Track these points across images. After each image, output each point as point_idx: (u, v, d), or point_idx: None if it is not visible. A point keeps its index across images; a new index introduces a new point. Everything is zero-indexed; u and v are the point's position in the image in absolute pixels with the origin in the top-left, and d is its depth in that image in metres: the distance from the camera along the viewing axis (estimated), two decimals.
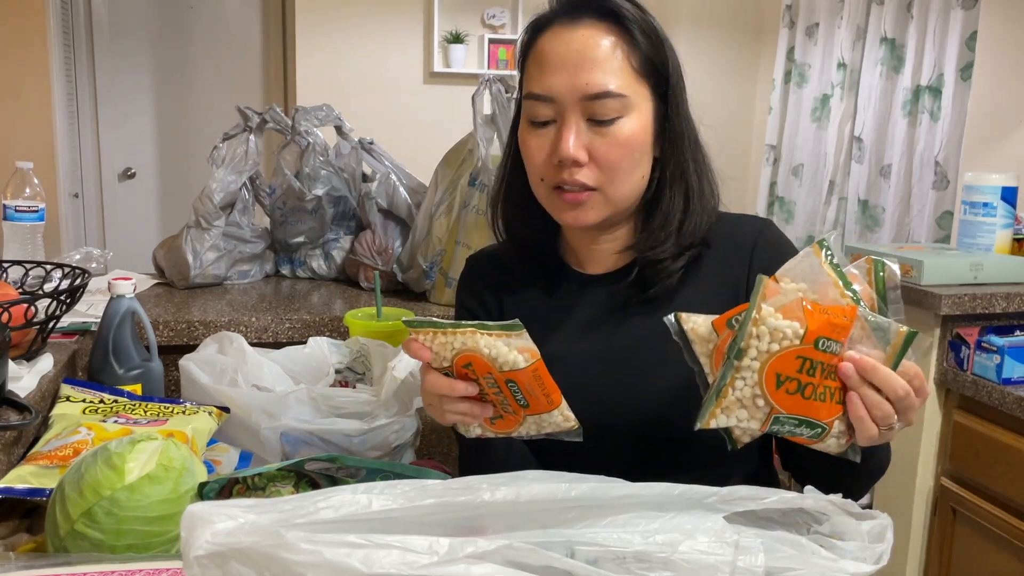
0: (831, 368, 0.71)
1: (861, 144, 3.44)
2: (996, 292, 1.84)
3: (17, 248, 1.75)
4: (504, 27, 4.44)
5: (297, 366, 1.30)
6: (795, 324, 0.70)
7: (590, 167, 0.94)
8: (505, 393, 0.81)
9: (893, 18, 3.31)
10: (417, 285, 1.82)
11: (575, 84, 0.92)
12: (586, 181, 0.94)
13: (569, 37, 0.93)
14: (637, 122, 0.94)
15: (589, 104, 0.92)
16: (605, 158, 0.93)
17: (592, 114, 0.93)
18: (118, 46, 4.30)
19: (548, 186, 0.97)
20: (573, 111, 0.93)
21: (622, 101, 0.92)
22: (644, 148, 0.96)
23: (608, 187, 0.95)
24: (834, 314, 0.71)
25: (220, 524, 0.51)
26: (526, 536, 0.56)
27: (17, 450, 1.04)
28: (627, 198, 0.98)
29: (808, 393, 0.71)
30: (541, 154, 0.96)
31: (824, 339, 0.70)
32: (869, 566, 0.60)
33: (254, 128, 1.92)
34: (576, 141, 0.93)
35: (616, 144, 0.93)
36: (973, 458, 1.82)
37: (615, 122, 0.93)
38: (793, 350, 0.70)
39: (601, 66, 0.92)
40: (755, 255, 1.00)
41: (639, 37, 0.94)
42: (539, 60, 0.95)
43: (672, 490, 0.64)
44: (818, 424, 0.73)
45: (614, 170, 0.94)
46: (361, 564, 0.50)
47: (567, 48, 0.93)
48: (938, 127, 3.09)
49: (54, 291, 1.20)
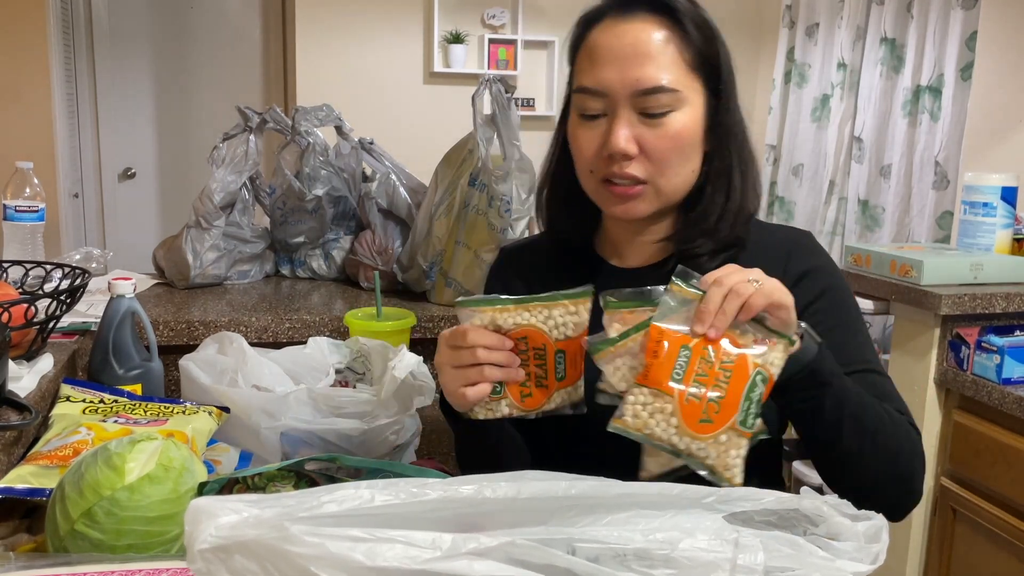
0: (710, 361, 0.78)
1: (861, 144, 3.44)
2: (996, 292, 1.84)
3: (17, 248, 1.75)
4: (504, 27, 4.44)
5: (297, 366, 1.30)
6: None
7: (640, 160, 0.94)
8: (549, 365, 0.84)
9: (893, 18, 3.31)
10: (417, 285, 1.82)
11: (627, 79, 0.92)
12: (637, 174, 0.94)
13: (621, 31, 0.93)
14: (688, 116, 0.94)
15: (641, 99, 0.92)
16: (656, 151, 0.94)
17: (644, 108, 0.93)
18: (118, 46, 4.30)
19: (597, 178, 0.97)
20: (624, 105, 0.93)
21: (674, 96, 0.92)
22: (694, 142, 0.96)
23: (659, 180, 0.95)
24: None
25: (224, 518, 0.52)
26: (527, 533, 0.56)
27: (17, 450, 1.04)
28: (677, 191, 0.98)
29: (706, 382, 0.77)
30: (591, 147, 0.96)
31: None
32: (866, 566, 0.60)
33: (254, 128, 1.92)
34: (627, 134, 0.93)
35: (666, 137, 0.93)
36: (973, 458, 1.82)
37: (666, 116, 0.93)
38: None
39: (654, 60, 0.92)
40: (790, 263, 1.00)
41: (692, 31, 0.94)
42: (591, 53, 0.95)
43: (671, 489, 0.64)
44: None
45: (664, 163, 0.94)
46: (364, 557, 0.51)
47: (619, 42, 0.93)
48: (938, 127, 3.09)
49: (54, 291, 1.20)
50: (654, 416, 0.76)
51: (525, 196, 1.67)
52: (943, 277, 1.87)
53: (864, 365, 0.97)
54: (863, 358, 0.98)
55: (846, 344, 0.97)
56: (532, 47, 4.49)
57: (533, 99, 4.51)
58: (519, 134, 1.68)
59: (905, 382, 1.94)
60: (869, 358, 0.98)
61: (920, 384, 1.92)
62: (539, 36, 4.45)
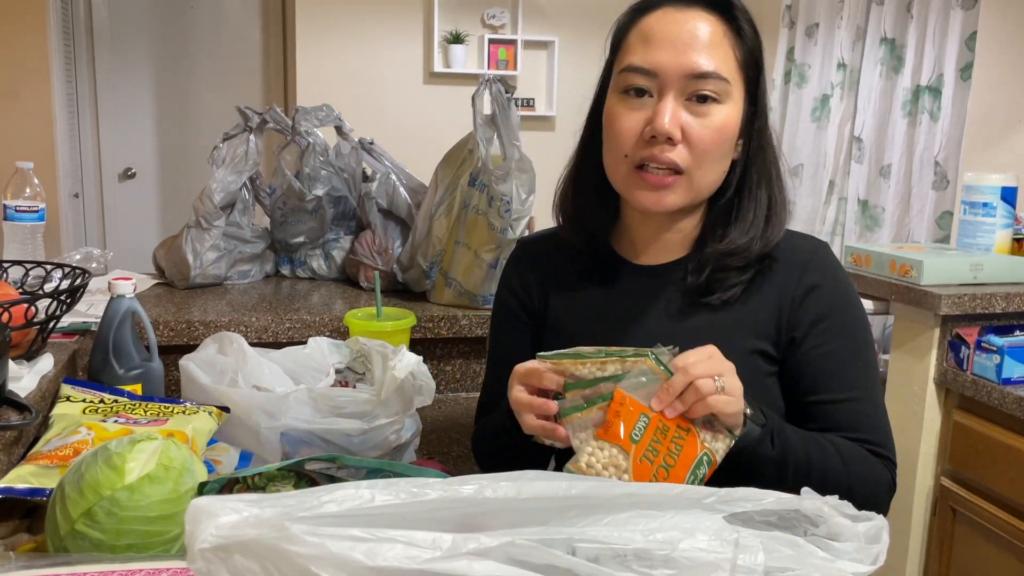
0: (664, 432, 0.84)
1: (861, 144, 3.44)
2: (996, 292, 1.84)
3: (17, 248, 1.75)
4: (504, 27, 4.44)
5: (297, 366, 1.30)
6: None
7: (682, 147, 0.94)
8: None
9: (893, 18, 3.31)
10: (417, 285, 1.82)
11: (682, 61, 0.93)
12: (677, 160, 0.94)
13: (682, 18, 0.95)
14: (731, 111, 0.95)
15: (692, 82, 0.93)
16: (699, 140, 0.94)
17: (694, 91, 0.93)
18: (118, 46, 4.30)
19: (631, 163, 0.97)
20: (673, 88, 0.93)
21: (724, 85, 0.94)
22: (732, 140, 0.97)
23: (695, 171, 0.95)
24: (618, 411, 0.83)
25: (224, 517, 0.52)
26: (528, 533, 0.56)
27: (17, 450, 1.04)
28: (709, 187, 0.98)
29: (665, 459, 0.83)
30: (632, 128, 0.95)
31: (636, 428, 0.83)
32: (866, 567, 0.60)
33: (254, 128, 1.92)
34: (672, 118, 0.93)
35: (711, 127, 0.94)
36: (973, 458, 1.82)
37: (713, 105, 0.94)
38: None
39: (710, 50, 0.93)
40: (806, 274, 1.00)
41: (746, 29, 0.96)
42: (645, 36, 0.96)
43: (671, 490, 0.64)
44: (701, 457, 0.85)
45: (704, 154, 0.95)
46: (365, 557, 0.51)
47: (679, 28, 0.94)
48: (938, 127, 3.09)
49: (54, 291, 1.20)
50: (607, 468, 0.81)
51: (525, 196, 1.67)
52: (943, 277, 1.87)
53: (853, 394, 0.98)
54: (856, 385, 0.98)
55: (843, 370, 0.98)
56: (532, 47, 4.49)
57: (533, 99, 4.51)
58: (519, 134, 1.68)
59: (905, 382, 1.94)
60: (864, 385, 0.99)
61: (920, 384, 1.92)
62: (539, 36, 4.45)
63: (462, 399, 1.62)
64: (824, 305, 0.99)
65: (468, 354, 1.73)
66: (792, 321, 0.99)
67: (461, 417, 1.51)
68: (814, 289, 0.99)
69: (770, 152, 1.00)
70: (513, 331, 1.15)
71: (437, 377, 1.68)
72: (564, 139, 4.01)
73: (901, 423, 1.94)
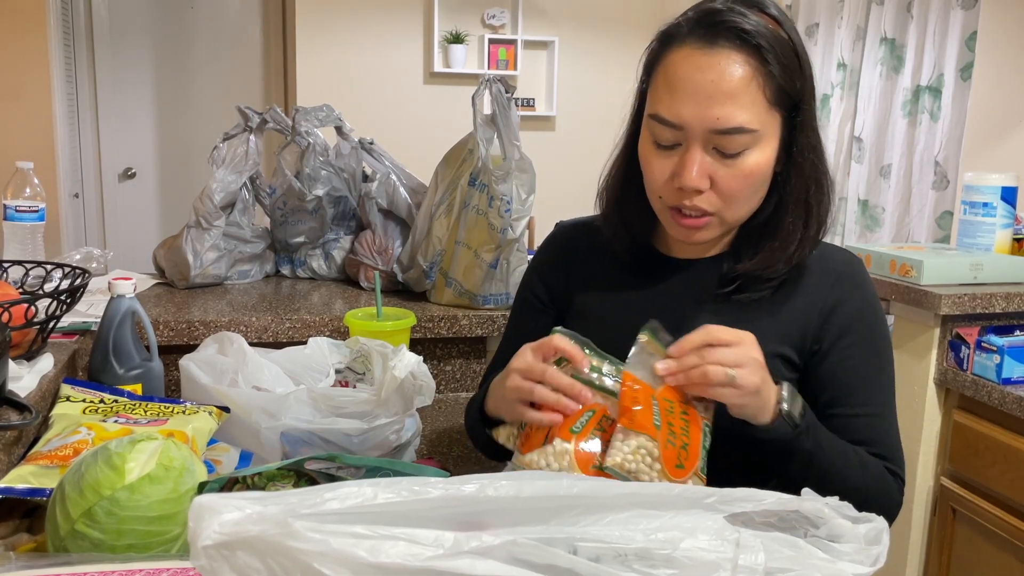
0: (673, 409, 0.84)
1: (861, 144, 3.44)
2: (996, 292, 1.84)
3: (17, 248, 1.75)
4: (504, 27, 4.44)
5: (297, 366, 1.30)
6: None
7: (710, 194, 0.94)
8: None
9: (893, 18, 3.31)
10: (417, 285, 1.82)
11: (706, 117, 0.90)
12: (705, 207, 0.94)
13: (705, 63, 0.90)
14: (764, 154, 0.93)
15: (717, 137, 0.91)
16: (728, 188, 0.93)
17: (719, 146, 0.91)
18: (118, 46, 4.30)
19: (665, 204, 0.97)
20: (699, 140, 0.91)
21: (752, 136, 0.91)
22: (766, 175, 0.95)
23: (726, 212, 0.96)
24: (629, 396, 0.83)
25: (228, 514, 0.52)
26: (529, 532, 0.56)
27: (17, 450, 1.04)
28: (742, 219, 0.99)
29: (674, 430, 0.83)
30: (663, 176, 0.95)
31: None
32: (866, 568, 0.60)
33: (254, 128, 1.92)
34: (699, 171, 0.92)
35: (740, 176, 0.93)
36: (973, 458, 1.82)
37: (742, 155, 0.92)
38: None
39: (735, 100, 0.89)
40: (837, 287, 1.01)
41: (775, 65, 0.90)
42: (670, 82, 0.92)
43: (671, 490, 0.64)
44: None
45: (734, 199, 0.94)
46: (367, 554, 0.51)
47: (702, 76, 0.89)
48: (938, 127, 3.10)
49: (54, 291, 1.20)
50: (644, 459, 0.80)
51: (525, 196, 1.67)
52: (943, 277, 1.87)
53: (872, 409, 1.00)
54: (876, 401, 1.01)
55: (865, 385, 1.00)
56: (532, 47, 4.49)
57: (533, 99, 4.51)
58: (519, 134, 1.68)
59: (905, 382, 1.94)
60: (883, 401, 1.02)
61: (920, 384, 1.92)
62: (539, 36, 4.45)
63: (462, 399, 1.62)
64: (851, 319, 1.00)
65: (468, 354, 1.73)
66: (819, 332, 1.00)
67: (461, 417, 1.51)
68: (843, 303, 1.00)
69: (809, 168, 0.97)
70: (535, 314, 1.16)
71: (437, 377, 1.68)
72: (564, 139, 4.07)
73: (901, 423, 1.93)
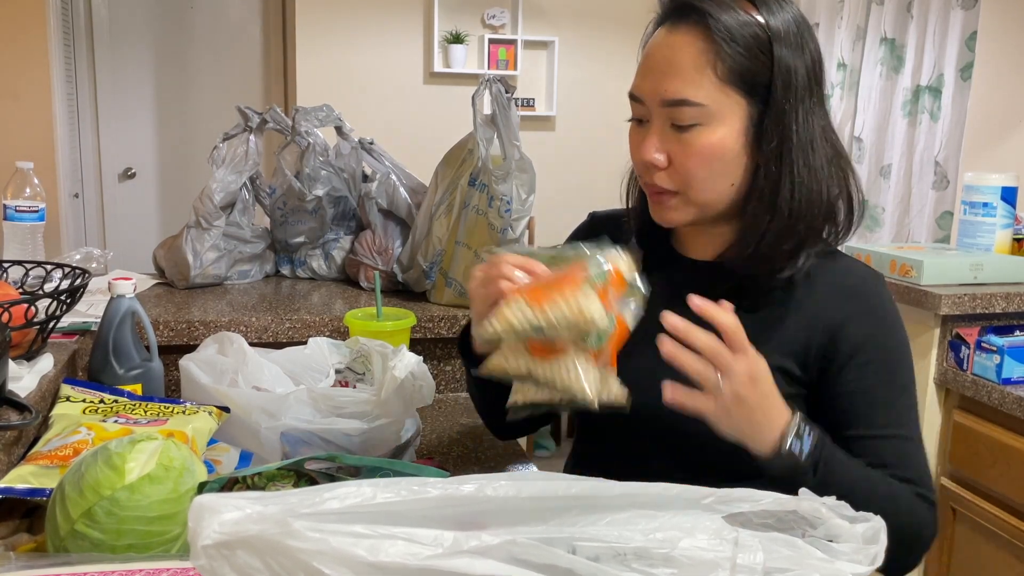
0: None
1: (861, 144, 3.44)
2: (996, 292, 1.84)
3: (17, 248, 1.75)
4: (504, 27, 4.44)
5: (297, 366, 1.30)
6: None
7: (669, 171, 0.95)
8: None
9: (893, 18, 3.31)
10: (417, 285, 1.82)
11: (657, 88, 0.94)
12: (663, 184, 0.96)
13: (666, 42, 0.94)
14: (720, 132, 0.93)
15: (669, 110, 0.93)
16: (682, 165, 0.94)
17: (673, 119, 0.94)
18: (118, 46, 4.30)
19: (644, 183, 1.00)
20: (658, 115, 0.95)
21: (700, 110, 0.92)
22: (729, 158, 0.94)
23: (688, 192, 0.96)
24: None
25: (228, 514, 0.52)
26: (528, 532, 0.56)
27: (17, 450, 1.04)
28: (712, 204, 0.97)
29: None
30: (636, 152, 0.99)
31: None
32: (864, 567, 0.60)
33: (254, 128, 1.92)
34: (655, 145, 0.95)
35: (693, 153, 0.93)
36: (973, 458, 1.82)
37: (693, 130, 0.93)
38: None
39: (682, 73, 0.92)
40: (849, 302, 0.98)
41: (728, 44, 0.91)
42: (642, 59, 0.98)
43: (670, 490, 0.64)
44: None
45: (690, 176, 0.95)
46: (367, 553, 0.51)
47: (659, 52, 0.95)
48: (938, 127, 3.10)
49: (54, 291, 1.20)
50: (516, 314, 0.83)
51: (525, 196, 1.68)
52: (943, 277, 1.87)
53: (892, 431, 0.96)
54: (896, 422, 0.96)
55: (887, 405, 0.96)
56: (532, 47, 4.49)
57: (533, 99, 4.51)
58: (519, 134, 1.68)
59: None
60: (904, 422, 0.97)
61: (920, 384, 1.91)
62: (539, 36, 4.45)
63: (462, 399, 1.62)
64: (865, 338, 0.97)
65: None
66: (826, 349, 0.97)
67: (461, 417, 1.51)
68: (853, 320, 0.97)
69: (786, 156, 0.94)
70: None
71: (437, 377, 1.68)
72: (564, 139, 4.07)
73: None
